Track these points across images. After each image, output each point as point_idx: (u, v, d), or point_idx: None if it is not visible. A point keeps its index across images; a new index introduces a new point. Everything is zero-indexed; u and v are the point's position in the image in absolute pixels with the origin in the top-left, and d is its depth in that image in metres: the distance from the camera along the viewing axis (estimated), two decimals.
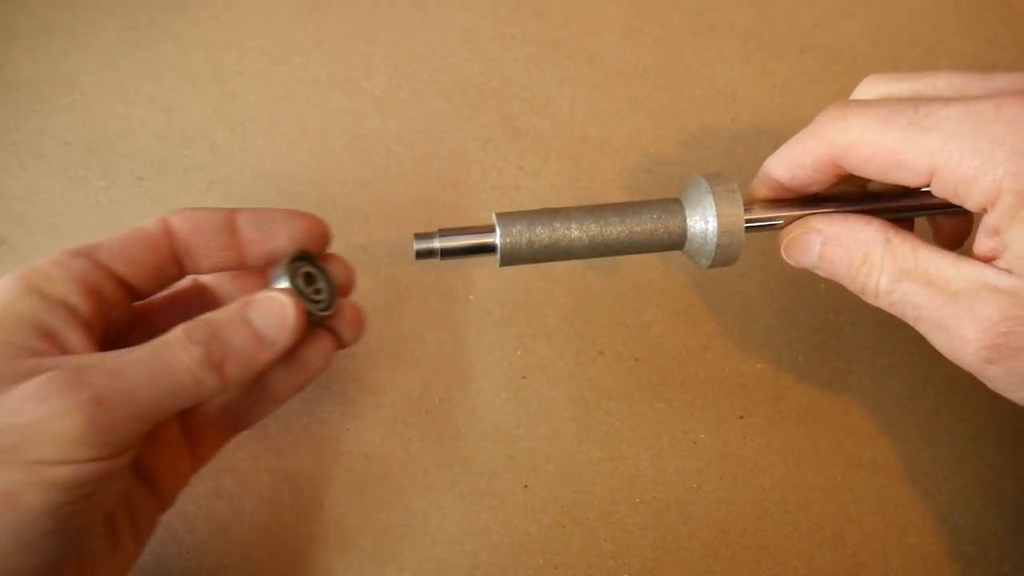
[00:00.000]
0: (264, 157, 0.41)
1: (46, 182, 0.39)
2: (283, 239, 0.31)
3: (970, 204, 0.26)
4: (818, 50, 0.46)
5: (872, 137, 0.27)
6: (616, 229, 0.30)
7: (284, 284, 0.30)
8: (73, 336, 0.27)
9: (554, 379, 0.39)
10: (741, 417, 0.39)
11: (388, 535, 0.36)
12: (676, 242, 0.31)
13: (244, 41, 0.42)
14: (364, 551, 0.36)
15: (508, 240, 0.29)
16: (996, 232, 0.26)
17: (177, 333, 0.27)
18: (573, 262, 0.40)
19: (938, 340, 0.28)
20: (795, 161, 0.30)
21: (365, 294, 0.39)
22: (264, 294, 0.29)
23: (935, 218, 0.34)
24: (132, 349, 0.26)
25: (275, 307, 0.28)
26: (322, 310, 0.30)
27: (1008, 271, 0.25)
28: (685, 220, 0.30)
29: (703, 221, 0.30)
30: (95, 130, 0.40)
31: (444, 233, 0.30)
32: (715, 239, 0.29)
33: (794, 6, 0.47)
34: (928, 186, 0.27)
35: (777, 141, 0.43)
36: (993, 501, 0.39)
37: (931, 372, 0.41)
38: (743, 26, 0.46)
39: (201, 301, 0.33)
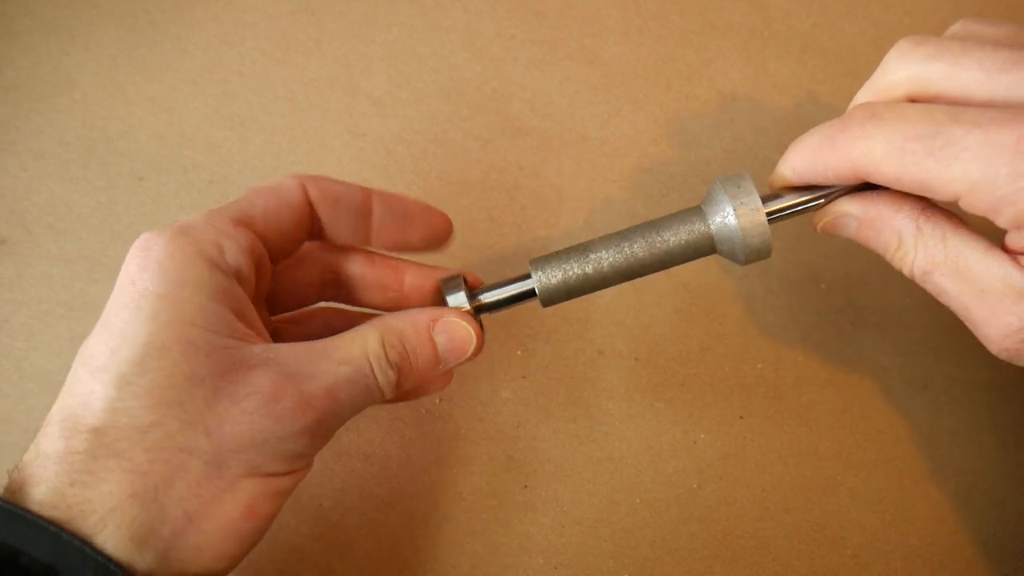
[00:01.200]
0: (264, 157, 0.41)
1: (46, 182, 0.39)
2: (417, 235, 0.31)
3: (1000, 225, 0.26)
4: (818, 50, 0.46)
5: (892, 162, 0.26)
6: (644, 250, 0.30)
7: (462, 305, 0.30)
8: (252, 312, 0.27)
9: (554, 379, 0.39)
10: (741, 417, 0.39)
11: (388, 535, 0.36)
12: (706, 247, 0.31)
13: (244, 41, 0.42)
14: (364, 551, 0.36)
15: (544, 283, 0.31)
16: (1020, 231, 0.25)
17: (376, 349, 0.27)
18: None
19: (967, 324, 0.28)
20: (817, 170, 0.29)
21: None
22: (453, 318, 0.29)
23: None
24: (334, 364, 0.26)
25: (461, 334, 0.29)
26: None
27: None
28: (709, 225, 0.30)
29: (725, 221, 0.30)
30: (95, 130, 0.40)
31: (485, 289, 0.31)
32: (740, 236, 0.29)
33: (794, 6, 0.47)
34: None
35: (777, 141, 0.44)
36: (993, 501, 0.39)
37: (931, 372, 0.41)
38: (743, 26, 0.46)
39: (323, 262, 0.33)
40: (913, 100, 0.27)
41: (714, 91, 0.44)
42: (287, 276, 0.31)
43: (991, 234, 0.27)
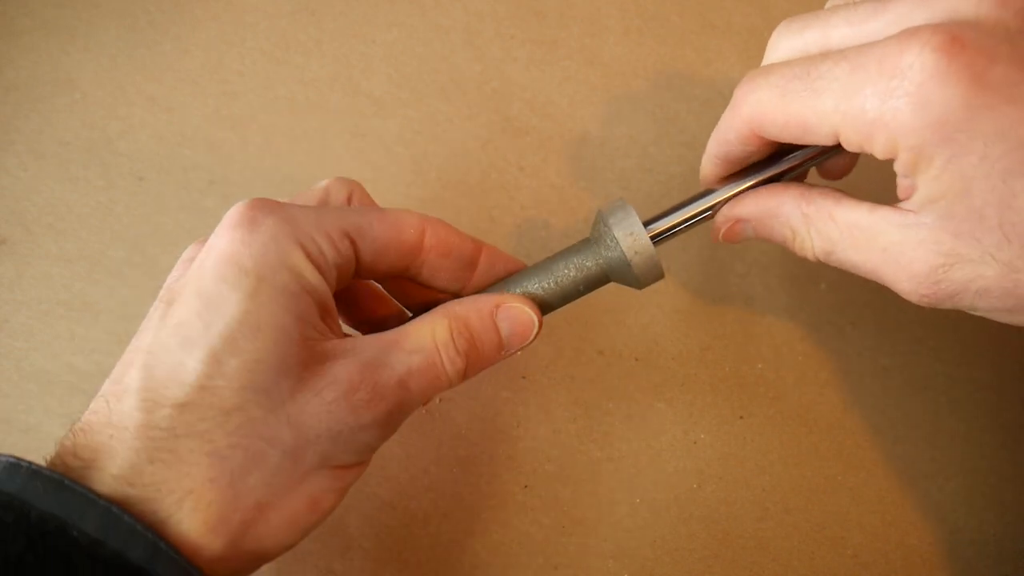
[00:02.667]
0: (264, 157, 0.41)
1: (46, 182, 0.39)
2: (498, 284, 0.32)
3: (878, 155, 0.26)
4: None
5: (776, 106, 0.27)
6: (546, 289, 0.30)
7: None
8: (335, 313, 0.27)
9: (554, 379, 0.39)
10: (741, 417, 0.39)
11: (388, 535, 0.36)
12: (601, 278, 0.31)
13: (244, 41, 0.42)
14: (364, 551, 0.36)
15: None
16: (906, 175, 0.26)
17: (444, 337, 0.28)
18: None
19: (887, 287, 0.28)
20: (723, 138, 0.30)
21: None
22: (515, 303, 0.29)
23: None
24: (406, 353, 0.27)
25: (523, 318, 0.29)
26: None
27: (923, 213, 0.25)
28: (598, 258, 0.30)
29: (610, 253, 0.30)
30: (95, 130, 0.40)
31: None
32: (629, 263, 0.29)
33: (794, 6, 0.47)
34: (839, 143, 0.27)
35: None
36: (993, 501, 0.39)
37: (931, 372, 0.41)
38: (743, 26, 0.46)
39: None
40: None
41: (714, 91, 0.44)
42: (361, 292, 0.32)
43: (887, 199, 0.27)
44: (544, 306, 0.31)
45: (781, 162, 0.31)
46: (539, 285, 0.30)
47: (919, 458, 0.39)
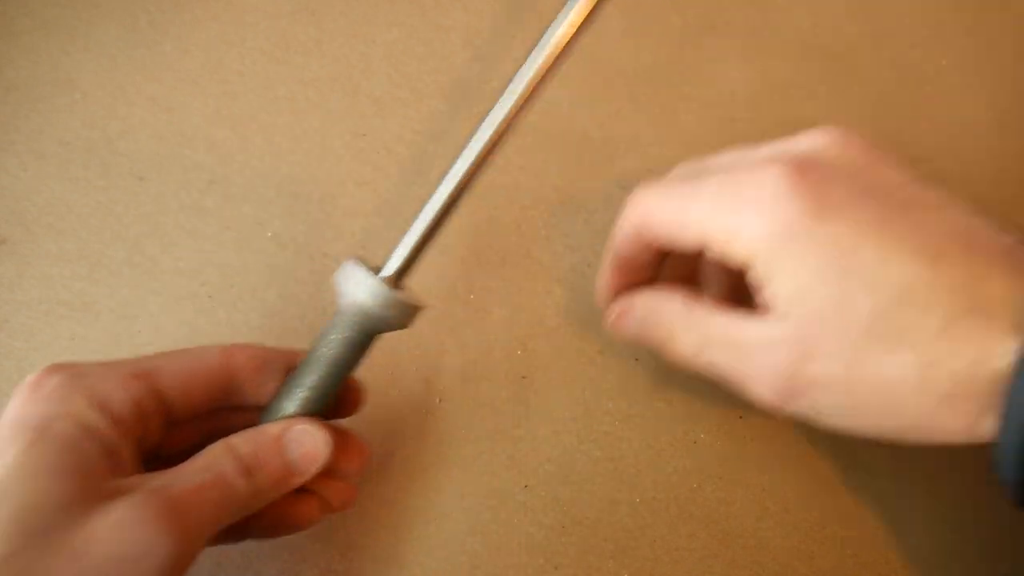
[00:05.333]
0: (264, 157, 0.41)
1: (46, 182, 0.39)
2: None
3: (735, 262, 0.28)
4: (818, 50, 0.46)
5: (659, 207, 0.30)
6: (319, 379, 0.30)
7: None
8: (125, 454, 0.27)
9: (554, 379, 0.39)
10: (741, 417, 0.39)
11: (388, 535, 0.36)
12: (366, 340, 0.31)
13: (244, 41, 0.42)
14: (364, 551, 0.36)
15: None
16: (761, 287, 0.28)
17: (228, 457, 0.28)
18: (573, 261, 0.40)
19: (747, 394, 0.30)
20: (614, 242, 0.33)
21: None
22: (303, 426, 0.29)
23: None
24: (192, 472, 0.27)
25: (309, 442, 0.29)
26: None
27: (778, 315, 0.28)
28: (354, 321, 0.30)
29: (357, 312, 0.30)
30: (95, 130, 0.40)
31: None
32: (377, 316, 0.29)
33: (794, 6, 0.47)
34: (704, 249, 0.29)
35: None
36: (993, 501, 0.39)
37: None
38: (743, 26, 0.46)
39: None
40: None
41: (714, 91, 0.44)
42: (187, 432, 0.31)
43: None
44: (326, 397, 0.30)
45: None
46: (314, 376, 0.30)
47: (919, 458, 0.39)
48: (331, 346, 0.30)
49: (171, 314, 0.38)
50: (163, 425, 0.29)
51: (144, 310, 0.38)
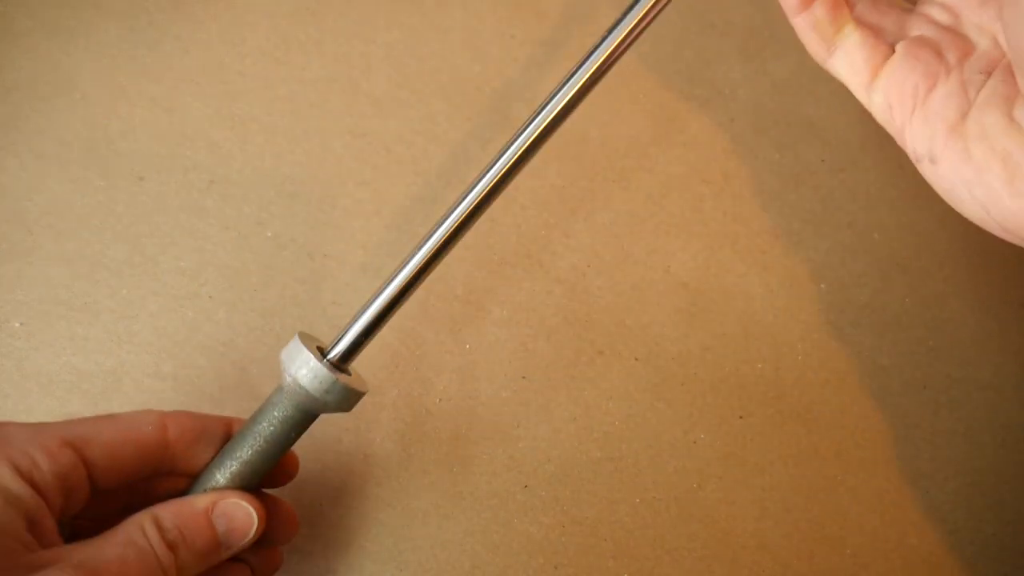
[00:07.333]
0: (264, 157, 0.41)
1: (46, 182, 0.39)
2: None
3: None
4: None
5: None
6: (256, 453, 0.30)
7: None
8: (48, 524, 0.27)
9: (554, 379, 0.39)
10: (741, 417, 0.39)
11: (388, 535, 0.36)
12: (308, 419, 0.30)
13: (244, 41, 0.42)
14: (364, 551, 0.36)
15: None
16: None
17: (151, 530, 0.27)
18: (573, 261, 0.40)
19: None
20: None
21: (366, 294, 0.39)
22: (234, 499, 0.29)
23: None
24: (115, 546, 0.26)
25: (241, 516, 0.29)
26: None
27: None
28: (294, 401, 0.30)
29: (299, 392, 0.29)
30: (95, 130, 0.40)
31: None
32: (318, 398, 0.29)
33: None
34: None
35: (777, 141, 0.44)
36: (993, 501, 0.39)
37: (931, 372, 0.41)
38: (743, 26, 0.46)
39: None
40: None
41: (714, 91, 0.44)
42: (113, 499, 0.31)
43: None
44: (260, 473, 0.30)
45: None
46: (250, 450, 0.30)
47: (919, 458, 0.39)
48: (270, 423, 0.30)
49: (171, 314, 0.38)
50: (89, 494, 0.29)
51: (144, 310, 0.38)
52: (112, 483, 0.29)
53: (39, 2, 0.42)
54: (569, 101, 0.31)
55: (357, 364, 0.31)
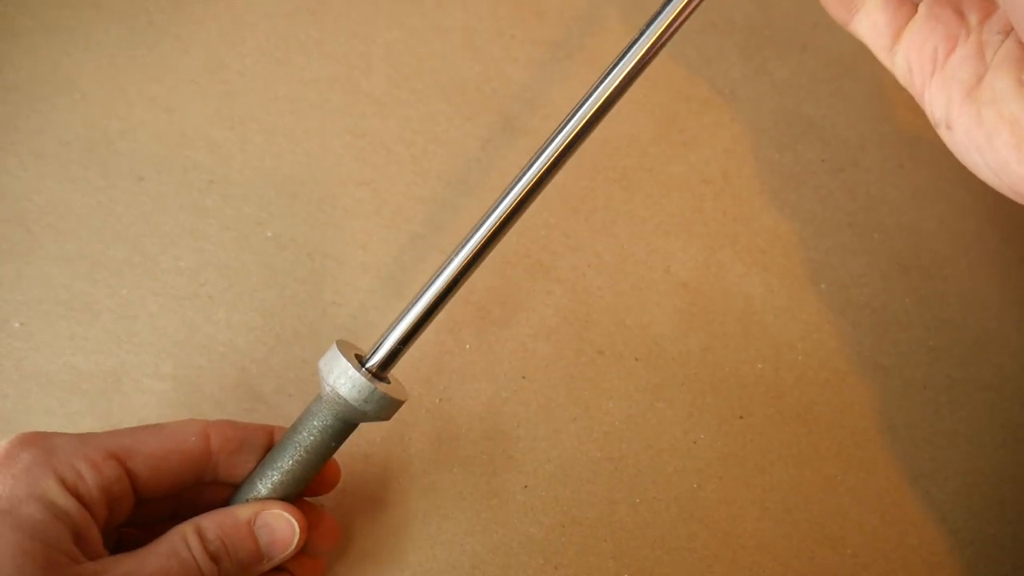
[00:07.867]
0: (264, 157, 0.41)
1: (46, 182, 0.39)
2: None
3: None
4: (818, 50, 0.46)
5: None
6: (297, 464, 0.30)
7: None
8: (94, 535, 0.27)
9: (554, 379, 0.39)
10: (741, 417, 0.39)
11: (388, 535, 0.36)
12: (348, 428, 0.30)
13: (244, 41, 0.42)
14: (364, 551, 0.36)
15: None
16: None
17: (195, 542, 0.27)
18: (573, 261, 0.40)
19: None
20: None
21: (366, 294, 0.39)
22: (276, 510, 0.29)
23: None
24: (158, 557, 0.26)
25: (283, 528, 0.29)
26: None
27: None
28: (334, 410, 0.30)
29: (339, 401, 0.29)
30: (95, 130, 0.40)
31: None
32: (357, 408, 0.29)
33: (794, 6, 0.47)
34: None
35: (777, 141, 0.44)
36: (993, 501, 0.39)
37: (931, 372, 0.41)
38: (743, 25, 0.46)
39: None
40: None
41: (714, 91, 0.44)
42: (156, 507, 0.31)
43: None
44: (302, 482, 0.30)
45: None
46: (291, 460, 0.30)
47: (919, 458, 0.39)
48: (310, 432, 0.30)
49: (171, 314, 0.38)
50: (133, 504, 0.29)
51: (144, 310, 0.38)
52: (156, 493, 0.29)
53: (39, 2, 0.42)
54: (603, 104, 0.31)
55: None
